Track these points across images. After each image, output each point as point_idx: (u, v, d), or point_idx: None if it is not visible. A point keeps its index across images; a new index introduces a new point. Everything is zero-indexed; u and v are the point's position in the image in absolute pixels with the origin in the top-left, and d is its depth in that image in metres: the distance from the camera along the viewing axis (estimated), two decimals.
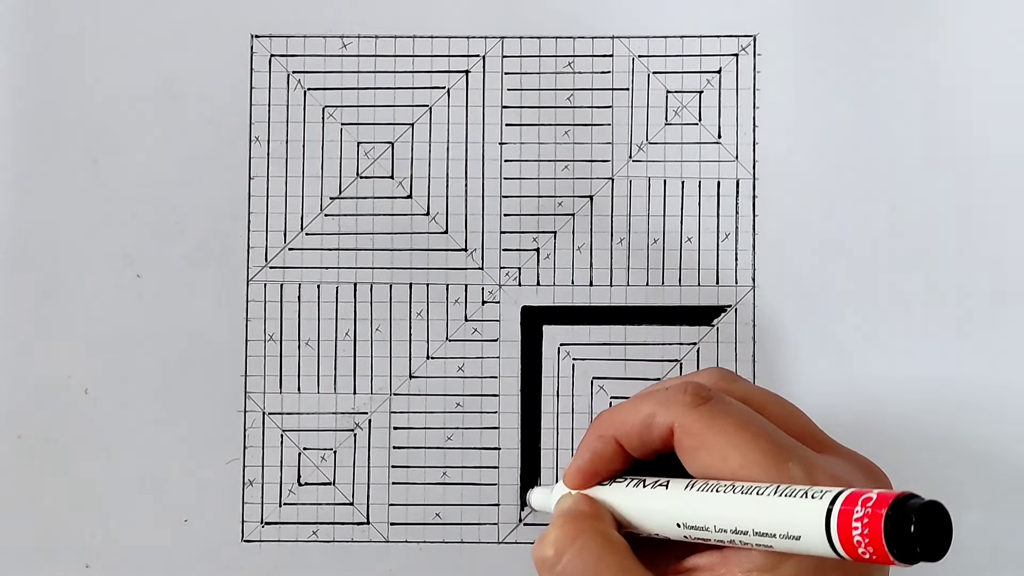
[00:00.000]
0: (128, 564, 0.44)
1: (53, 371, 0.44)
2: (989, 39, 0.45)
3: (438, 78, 0.45)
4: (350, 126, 0.45)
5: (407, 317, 0.45)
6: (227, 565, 0.44)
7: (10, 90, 0.45)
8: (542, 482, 0.44)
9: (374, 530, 0.44)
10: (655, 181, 0.45)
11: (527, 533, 0.44)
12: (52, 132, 0.45)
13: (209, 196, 0.45)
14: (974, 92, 0.45)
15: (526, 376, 0.44)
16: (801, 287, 0.44)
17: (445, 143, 0.45)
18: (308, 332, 0.44)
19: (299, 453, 0.44)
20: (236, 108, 0.45)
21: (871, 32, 0.45)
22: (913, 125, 0.45)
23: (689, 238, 0.45)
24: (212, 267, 0.44)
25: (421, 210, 0.45)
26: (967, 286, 0.44)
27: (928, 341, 0.44)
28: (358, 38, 0.45)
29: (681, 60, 0.45)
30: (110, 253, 0.44)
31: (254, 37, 0.45)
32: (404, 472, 0.44)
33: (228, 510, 0.44)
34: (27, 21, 0.45)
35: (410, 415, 0.44)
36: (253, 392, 0.44)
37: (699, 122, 0.45)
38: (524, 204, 0.45)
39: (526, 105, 0.45)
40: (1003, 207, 0.44)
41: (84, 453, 0.44)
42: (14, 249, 0.44)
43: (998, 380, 0.44)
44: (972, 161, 0.45)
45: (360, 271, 0.45)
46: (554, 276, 0.45)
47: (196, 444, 0.44)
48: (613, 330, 0.44)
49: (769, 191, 0.45)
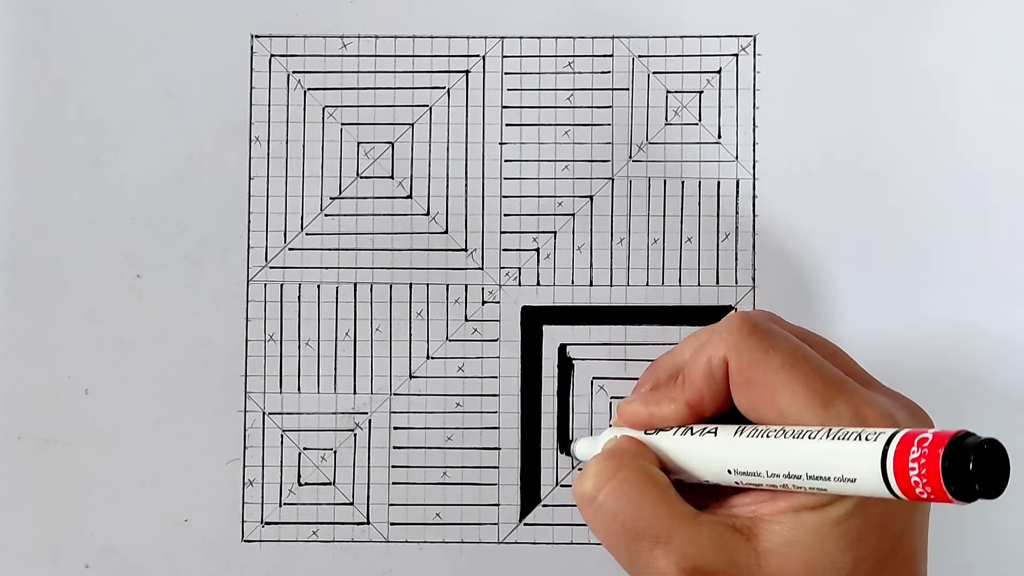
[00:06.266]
0: (128, 564, 0.44)
1: (53, 371, 0.44)
2: (989, 39, 0.45)
3: (438, 78, 0.45)
4: (350, 126, 0.45)
5: (407, 317, 0.45)
6: (227, 565, 0.44)
7: (10, 90, 0.45)
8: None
9: (374, 530, 0.44)
10: (655, 181, 0.45)
11: (527, 533, 0.44)
12: (52, 132, 0.45)
13: (209, 196, 0.45)
14: (974, 92, 0.45)
15: (526, 376, 0.44)
16: (801, 287, 0.44)
17: (445, 143, 0.45)
18: (308, 332, 0.44)
19: (299, 453, 0.44)
20: (236, 108, 0.45)
21: (871, 32, 0.45)
22: (913, 125, 0.45)
23: (689, 238, 0.45)
24: (212, 267, 0.44)
25: (421, 210, 0.45)
26: (967, 286, 0.44)
27: (929, 340, 0.44)
28: (358, 38, 0.45)
29: (681, 60, 0.45)
30: (110, 253, 0.44)
31: (254, 37, 0.45)
32: (404, 472, 0.44)
33: (228, 510, 0.44)
34: (27, 21, 0.45)
35: (410, 415, 0.44)
36: (253, 392, 0.44)
37: (699, 122, 0.45)
38: (524, 204, 0.45)
39: (526, 105, 0.45)
40: (1004, 207, 0.44)
41: (84, 453, 0.44)
42: (14, 249, 0.44)
43: (999, 376, 0.44)
44: (972, 161, 0.45)
45: (360, 271, 0.45)
46: (554, 276, 0.45)
47: (196, 444, 0.44)
48: (613, 330, 0.44)
49: (769, 191, 0.45)
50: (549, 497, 0.44)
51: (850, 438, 0.30)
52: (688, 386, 0.35)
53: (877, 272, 0.44)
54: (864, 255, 0.44)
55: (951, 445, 0.28)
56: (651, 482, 0.34)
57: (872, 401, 0.33)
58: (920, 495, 0.28)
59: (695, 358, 0.35)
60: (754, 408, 0.33)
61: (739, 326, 0.34)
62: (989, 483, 0.28)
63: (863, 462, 0.29)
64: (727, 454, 0.33)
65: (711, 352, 0.34)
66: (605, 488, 0.34)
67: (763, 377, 0.33)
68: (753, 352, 0.33)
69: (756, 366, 0.33)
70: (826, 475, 0.31)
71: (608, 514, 0.34)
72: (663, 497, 0.34)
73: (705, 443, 0.34)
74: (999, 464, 0.28)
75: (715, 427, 0.34)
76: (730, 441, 0.33)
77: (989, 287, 0.44)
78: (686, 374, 0.35)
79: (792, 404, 0.32)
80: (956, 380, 0.44)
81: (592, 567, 0.43)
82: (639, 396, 0.37)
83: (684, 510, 0.34)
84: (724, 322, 0.35)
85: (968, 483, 0.27)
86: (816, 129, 0.45)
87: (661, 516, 0.33)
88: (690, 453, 0.35)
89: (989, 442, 0.28)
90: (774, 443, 0.32)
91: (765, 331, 0.34)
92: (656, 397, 0.36)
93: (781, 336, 0.34)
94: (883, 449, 0.29)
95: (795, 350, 0.33)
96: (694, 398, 0.35)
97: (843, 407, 0.32)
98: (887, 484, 0.29)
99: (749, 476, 0.33)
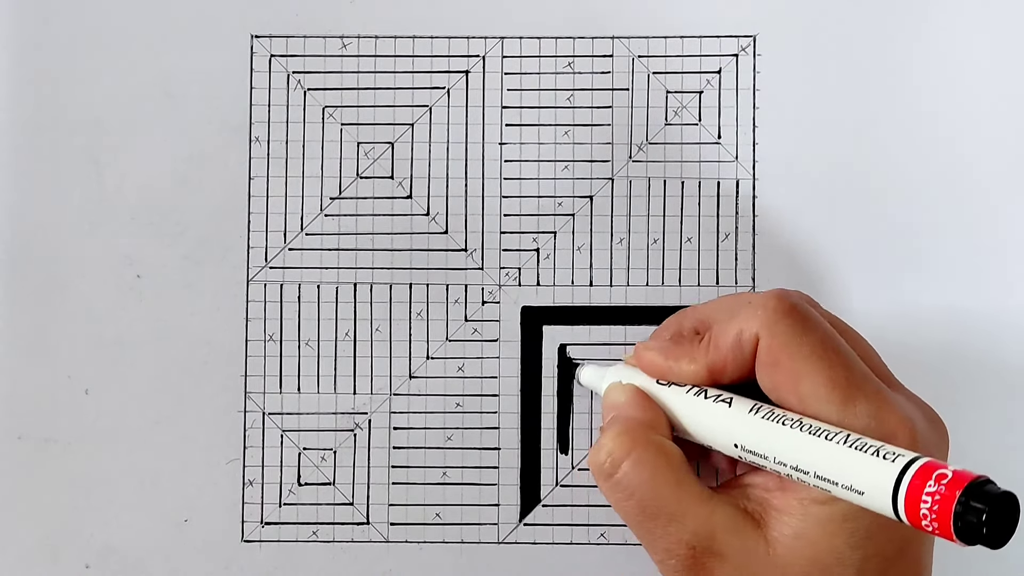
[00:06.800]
0: (128, 564, 0.44)
1: (53, 371, 0.44)
2: (989, 39, 0.45)
3: (438, 78, 0.45)
4: (350, 126, 0.45)
5: (407, 317, 0.45)
6: (227, 565, 0.44)
7: (10, 90, 0.45)
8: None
9: (374, 530, 0.44)
10: (655, 181, 0.45)
11: (527, 533, 0.44)
12: (52, 132, 0.45)
13: (209, 196, 0.45)
14: (974, 92, 0.45)
15: (526, 376, 0.44)
16: (801, 287, 0.44)
17: (445, 143, 0.45)
18: (308, 332, 0.44)
19: (299, 453, 0.44)
20: (236, 108, 0.45)
21: (871, 32, 0.45)
22: (913, 125, 0.45)
23: (689, 238, 0.45)
24: (212, 267, 0.44)
25: (421, 210, 0.45)
26: (967, 286, 0.44)
27: (929, 340, 0.44)
28: (358, 38, 0.45)
29: (681, 60, 0.45)
30: (110, 253, 0.44)
31: (254, 37, 0.45)
32: (404, 472, 0.44)
33: (228, 510, 0.44)
34: (27, 21, 0.45)
35: (410, 415, 0.44)
36: (253, 392, 0.44)
37: (699, 122, 0.45)
38: (524, 204, 0.45)
39: (526, 105, 0.45)
40: (1004, 207, 0.44)
41: (84, 453, 0.44)
42: (14, 249, 0.44)
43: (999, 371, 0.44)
44: (973, 160, 0.45)
45: (360, 271, 0.45)
46: (554, 276, 0.45)
47: (196, 444, 0.44)
48: (613, 330, 0.44)
49: (769, 191, 0.45)
50: (549, 497, 0.44)
51: (868, 451, 0.30)
52: (713, 350, 0.35)
53: (877, 272, 0.44)
54: (864, 255, 0.44)
55: (969, 490, 0.27)
56: (666, 460, 0.34)
57: (894, 404, 0.32)
58: (924, 527, 0.28)
59: (726, 326, 0.35)
60: (775, 389, 0.33)
61: (776, 305, 0.34)
62: (996, 533, 0.27)
63: (876, 479, 0.29)
64: (738, 429, 0.33)
65: (744, 325, 0.34)
66: (621, 467, 0.34)
67: (790, 362, 0.33)
68: (786, 334, 0.33)
69: (786, 349, 0.33)
70: (835, 480, 0.30)
71: (624, 491, 0.34)
72: (677, 477, 0.34)
73: (718, 411, 0.34)
74: (1010, 516, 0.28)
75: (730, 396, 0.34)
76: (743, 416, 0.33)
77: (989, 286, 0.44)
78: (714, 338, 0.35)
79: (813, 395, 0.32)
80: (956, 379, 0.44)
81: (592, 567, 0.43)
82: (660, 345, 0.36)
83: (698, 491, 0.34)
84: (762, 296, 0.34)
85: (976, 530, 0.27)
86: (816, 129, 0.45)
87: (675, 496, 0.34)
88: (699, 417, 0.34)
89: (1006, 495, 0.28)
90: (789, 432, 0.32)
91: (802, 314, 0.34)
92: (677, 352, 0.36)
93: (816, 322, 0.34)
94: (899, 473, 0.29)
95: (827, 339, 0.33)
96: (717, 364, 0.35)
97: (863, 408, 0.32)
98: (895, 508, 0.29)
99: (755, 456, 0.33)
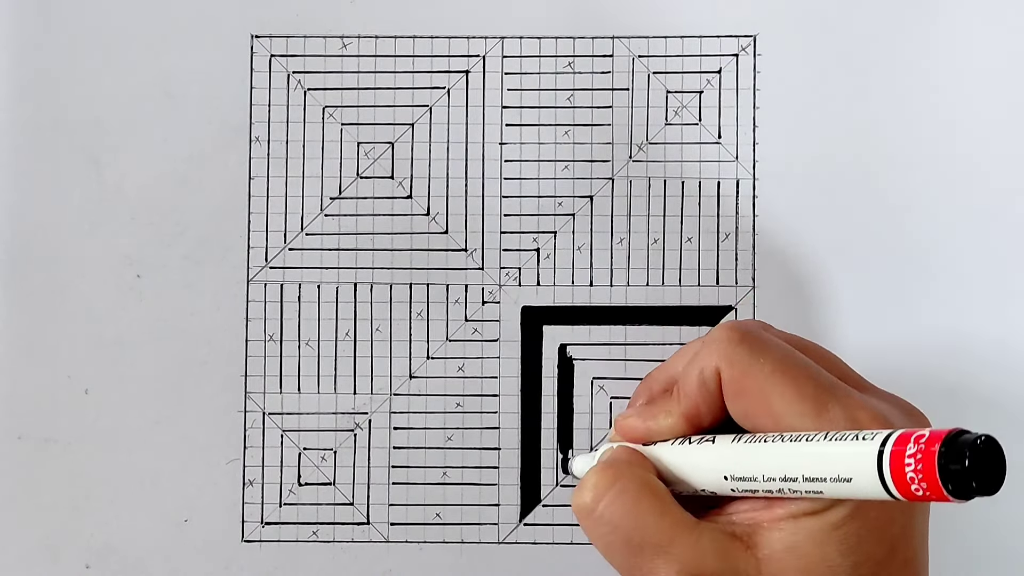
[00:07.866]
0: (128, 564, 0.44)
1: (53, 371, 0.44)
2: (989, 39, 0.45)
3: (438, 78, 0.45)
4: (350, 126, 0.45)
5: (407, 317, 0.45)
6: (227, 565, 0.44)
7: (10, 90, 0.45)
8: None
9: (374, 530, 0.44)
10: (655, 181, 0.45)
11: (527, 533, 0.44)
12: (52, 132, 0.45)
13: (209, 196, 0.45)
14: (974, 91, 0.45)
15: (526, 376, 0.44)
16: (801, 287, 0.44)
17: (445, 143, 0.45)
18: (308, 332, 0.44)
19: (299, 453, 0.44)
20: (236, 108, 0.45)
21: (871, 32, 0.45)
22: (913, 125, 0.45)
23: (689, 238, 0.45)
24: (212, 267, 0.44)
25: (421, 210, 0.45)
26: (967, 286, 0.44)
27: (929, 341, 0.44)
28: (358, 38, 0.45)
29: (681, 60, 0.45)
30: (110, 253, 0.44)
31: (254, 37, 0.45)
32: (404, 472, 0.44)
33: (228, 510, 0.44)
34: (27, 21, 0.45)
35: (410, 415, 0.44)
36: (253, 392, 0.44)
37: (699, 122, 0.45)
38: (524, 204, 0.45)
39: (526, 105, 0.45)
40: (1004, 206, 0.44)
41: (84, 453, 0.44)
42: (14, 249, 0.44)
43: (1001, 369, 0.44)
44: (972, 160, 0.45)
45: (360, 271, 0.45)
46: (554, 276, 0.45)
47: (196, 444, 0.44)
48: (613, 330, 0.44)
49: (769, 191, 0.45)
50: (549, 497, 0.44)
51: (847, 439, 0.30)
52: (683, 398, 0.35)
53: (877, 272, 0.44)
54: (864, 255, 0.44)
55: (947, 442, 0.27)
56: (649, 491, 0.34)
57: (866, 404, 0.33)
58: (916, 493, 0.28)
59: (688, 370, 0.35)
60: (749, 417, 0.33)
61: (729, 335, 0.34)
62: (986, 480, 0.27)
63: (859, 461, 0.29)
64: (723, 461, 0.33)
65: (703, 363, 0.34)
66: (604, 499, 0.34)
67: (755, 385, 0.33)
68: (744, 361, 0.33)
69: (748, 375, 0.33)
70: (822, 476, 0.30)
71: (608, 524, 0.34)
72: (662, 506, 0.33)
73: (703, 451, 0.34)
74: (995, 461, 0.28)
75: (712, 436, 0.34)
76: (727, 448, 0.33)
77: (989, 285, 0.44)
78: (680, 386, 0.35)
79: (786, 411, 0.32)
80: (955, 380, 0.44)
81: (592, 567, 0.43)
82: (635, 410, 0.37)
83: (684, 518, 0.33)
84: (714, 332, 0.34)
85: (965, 480, 0.27)
86: (816, 129, 0.45)
87: (661, 525, 0.33)
88: (687, 462, 0.35)
89: (985, 438, 0.28)
90: (770, 447, 0.32)
91: (755, 339, 0.34)
92: (652, 411, 0.36)
93: (772, 343, 0.34)
94: (879, 448, 0.29)
95: (786, 356, 0.33)
96: (690, 410, 0.35)
97: (836, 411, 0.32)
98: (883, 483, 0.29)
99: (745, 482, 0.33)
